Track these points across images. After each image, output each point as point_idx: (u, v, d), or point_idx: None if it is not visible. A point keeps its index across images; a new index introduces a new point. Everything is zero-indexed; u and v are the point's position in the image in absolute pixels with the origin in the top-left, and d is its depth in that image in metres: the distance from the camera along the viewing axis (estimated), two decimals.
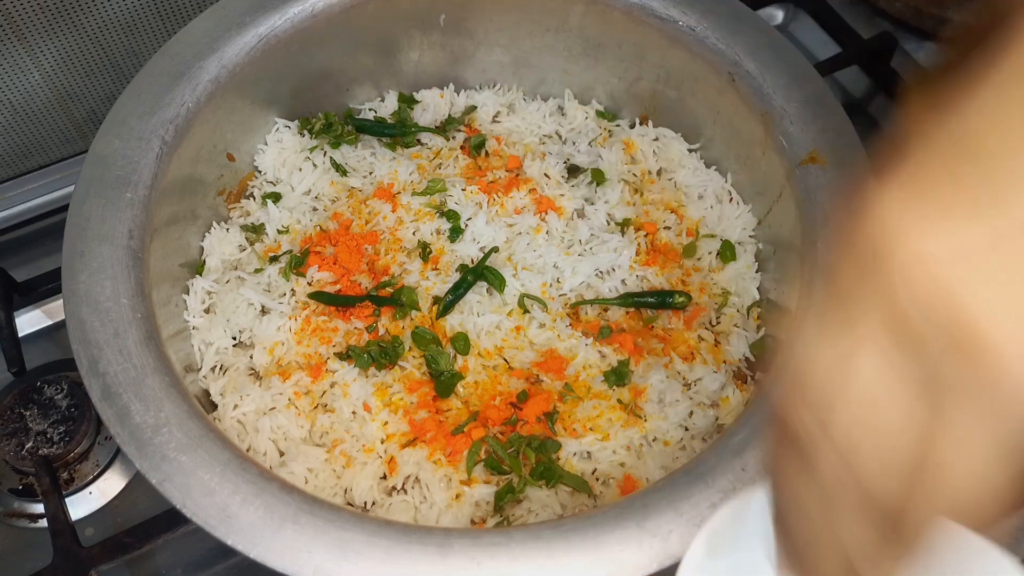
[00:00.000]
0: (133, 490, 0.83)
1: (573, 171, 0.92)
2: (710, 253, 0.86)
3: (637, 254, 0.85)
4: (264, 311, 0.82)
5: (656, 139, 0.93)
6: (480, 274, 0.82)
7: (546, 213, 0.88)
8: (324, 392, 0.78)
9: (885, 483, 0.37)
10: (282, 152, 0.92)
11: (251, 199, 0.90)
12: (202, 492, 0.60)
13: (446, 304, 0.81)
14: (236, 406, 0.77)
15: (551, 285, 0.84)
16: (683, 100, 0.91)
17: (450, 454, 0.74)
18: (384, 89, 0.97)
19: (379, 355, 0.78)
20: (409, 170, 0.90)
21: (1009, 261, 0.33)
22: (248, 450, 0.75)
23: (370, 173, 0.92)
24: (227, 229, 0.87)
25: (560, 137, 0.96)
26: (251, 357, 0.81)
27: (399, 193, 0.89)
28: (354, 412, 0.76)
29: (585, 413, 0.76)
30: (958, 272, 0.34)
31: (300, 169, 0.91)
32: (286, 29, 0.84)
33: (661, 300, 0.82)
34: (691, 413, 0.77)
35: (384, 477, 0.74)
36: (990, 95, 0.35)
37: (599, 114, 0.97)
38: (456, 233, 0.86)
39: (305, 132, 0.93)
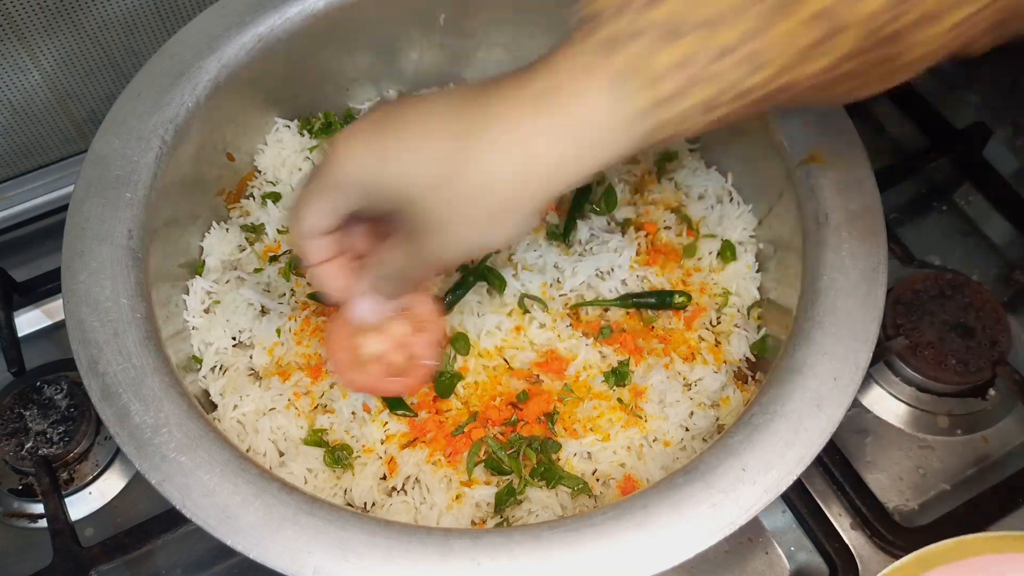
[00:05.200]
0: (133, 490, 0.83)
1: None
2: (710, 253, 0.86)
3: (637, 254, 0.85)
4: (264, 311, 0.82)
5: None
6: (480, 274, 0.82)
7: (546, 213, 0.88)
8: (324, 392, 0.78)
9: None
10: (282, 152, 0.92)
11: (251, 199, 0.90)
12: (202, 492, 0.60)
13: (446, 304, 0.81)
14: (236, 406, 0.77)
15: (551, 285, 0.83)
16: None
17: (450, 455, 0.74)
18: (384, 89, 0.97)
19: None
20: None
21: None
22: (248, 450, 0.75)
23: None
24: (227, 229, 0.87)
25: None
26: (251, 357, 0.81)
27: None
28: (353, 413, 0.76)
29: (585, 413, 0.76)
30: None
31: (300, 169, 0.91)
32: (286, 29, 0.84)
33: (661, 300, 0.82)
34: (691, 413, 0.77)
35: (384, 478, 0.74)
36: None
37: None
38: None
39: (305, 132, 0.93)
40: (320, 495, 0.69)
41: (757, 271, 0.85)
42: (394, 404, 0.76)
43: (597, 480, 0.74)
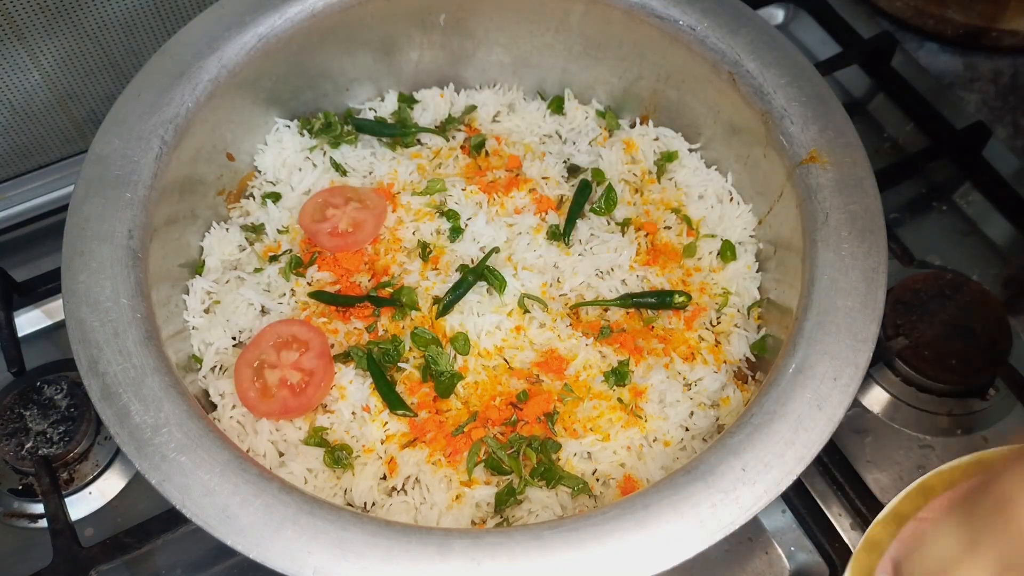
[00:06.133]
0: (133, 490, 0.83)
1: (573, 171, 0.92)
2: (710, 253, 0.86)
3: (637, 254, 0.85)
4: (264, 311, 0.82)
5: (656, 139, 0.93)
6: (480, 274, 0.82)
7: (546, 213, 0.88)
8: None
9: None
10: (282, 152, 0.92)
11: (251, 199, 0.90)
12: (202, 492, 0.60)
13: (446, 304, 0.81)
14: (235, 406, 0.77)
15: (551, 285, 0.83)
16: (683, 100, 0.91)
17: (450, 455, 0.74)
18: (384, 89, 0.97)
19: (379, 356, 0.78)
20: (409, 170, 0.90)
21: None
22: (247, 451, 0.75)
23: (370, 173, 0.91)
24: (227, 229, 0.87)
25: (560, 137, 0.96)
26: None
27: (399, 193, 0.89)
28: (353, 413, 0.76)
29: (585, 413, 0.76)
30: None
31: (300, 169, 0.91)
32: (286, 29, 0.84)
33: (661, 300, 0.82)
34: (691, 413, 0.77)
35: (384, 478, 0.74)
36: None
37: (599, 114, 0.97)
38: (456, 233, 0.86)
39: (305, 132, 0.93)
40: (320, 495, 0.69)
41: (757, 271, 0.85)
42: (394, 404, 0.76)
43: (597, 480, 0.74)
